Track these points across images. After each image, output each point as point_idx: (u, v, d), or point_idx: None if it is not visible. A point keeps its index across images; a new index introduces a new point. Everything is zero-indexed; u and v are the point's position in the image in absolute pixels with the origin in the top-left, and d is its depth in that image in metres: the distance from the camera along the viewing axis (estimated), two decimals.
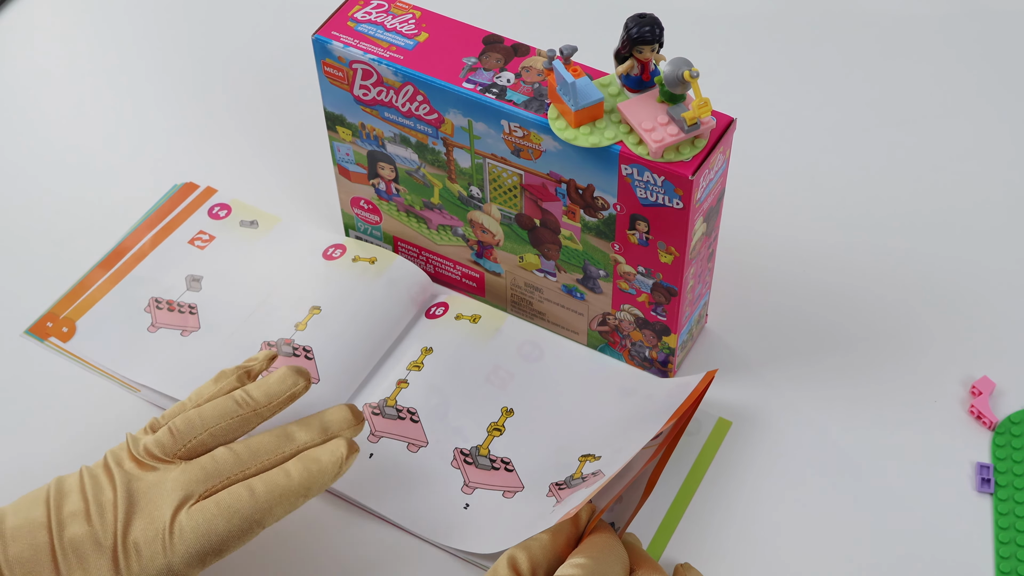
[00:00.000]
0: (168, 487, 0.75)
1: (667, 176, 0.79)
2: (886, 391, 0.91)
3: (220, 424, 0.78)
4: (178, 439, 0.77)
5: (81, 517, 0.73)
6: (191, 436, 0.77)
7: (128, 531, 0.73)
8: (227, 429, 0.78)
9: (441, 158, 0.88)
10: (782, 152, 1.06)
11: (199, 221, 1.00)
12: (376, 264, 0.95)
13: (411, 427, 0.88)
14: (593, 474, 0.84)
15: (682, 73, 0.77)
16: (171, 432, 0.77)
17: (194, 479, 0.75)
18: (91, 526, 0.73)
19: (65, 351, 0.93)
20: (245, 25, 1.17)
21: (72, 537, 0.72)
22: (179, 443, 0.77)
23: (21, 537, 0.72)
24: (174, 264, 0.97)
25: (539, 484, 0.85)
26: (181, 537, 0.73)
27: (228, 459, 0.76)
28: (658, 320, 0.88)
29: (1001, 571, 0.82)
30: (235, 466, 0.76)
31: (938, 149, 1.06)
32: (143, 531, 0.73)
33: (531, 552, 0.75)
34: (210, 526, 0.74)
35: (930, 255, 0.99)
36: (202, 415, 0.78)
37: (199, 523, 0.74)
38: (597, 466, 0.85)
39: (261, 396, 0.79)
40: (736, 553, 0.83)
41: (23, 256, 1.00)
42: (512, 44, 0.85)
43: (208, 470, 0.76)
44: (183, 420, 0.77)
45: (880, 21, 1.16)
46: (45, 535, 0.72)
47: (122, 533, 0.73)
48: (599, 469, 0.84)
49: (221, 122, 1.09)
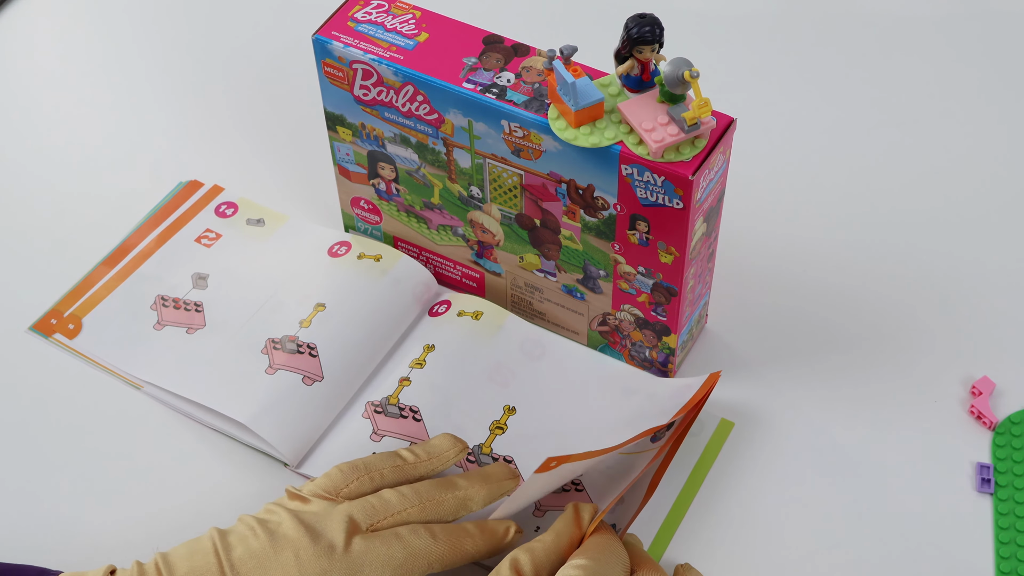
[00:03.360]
0: (339, 514, 0.75)
1: (667, 176, 0.79)
2: (886, 391, 0.91)
3: (383, 470, 0.79)
4: (343, 478, 0.78)
5: (252, 553, 0.73)
6: (355, 476, 0.78)
7: (300, 551, 0.73)
8: (390, 477, 0.79)
9: (441, 158, 0.88)
10: (782, 152, 1.06)
11: (206, 219, 1.00)
12: (381, 262, 0.95)
13: (413, 425, 0.88)
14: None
15: (682, 73, 0.77)
16: (338, 471, 0.78)
17: (362, 510, 0.76)
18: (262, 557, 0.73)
19: (70, 348, 0.93)
20: (245, 25, 1.17)
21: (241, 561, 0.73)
22: (345, 481, 0.77)
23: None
24: (180, 262, 0.98)
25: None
26: (352, 558, 0.73)
27: (394, 498, 0.77)
28: (658, 320, 0.88)
29: (1001, 571, 0.82)
30: (400, 504, 0.77)
31: (938, 149, 1.06)
32: (312, 555, 0.73)
33: (534, 553, 0.75)
34: (388, 555, 0.74)
35: (930, 255, 0.99)
36: (366, 461, 0.79)
37: (377, 549, 0.74)
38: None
39: (423, 452, 0.81)
40: (737, 553, 0.83)
41: (27, 253, 1.00)
42: (512, 44, 0.85)
43: (376, 506, 0.76)
44: (348, 464, 0.79)
45: (880, 21, 1.16)
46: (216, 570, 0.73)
47: (293, 551, 0.73)
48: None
49: (221, 122, 1.09)
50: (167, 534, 0.83)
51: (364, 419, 0.88)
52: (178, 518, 0.84)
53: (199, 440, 0.89)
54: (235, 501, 0.85)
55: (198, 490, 0.86)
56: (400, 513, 0.77)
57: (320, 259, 0.97)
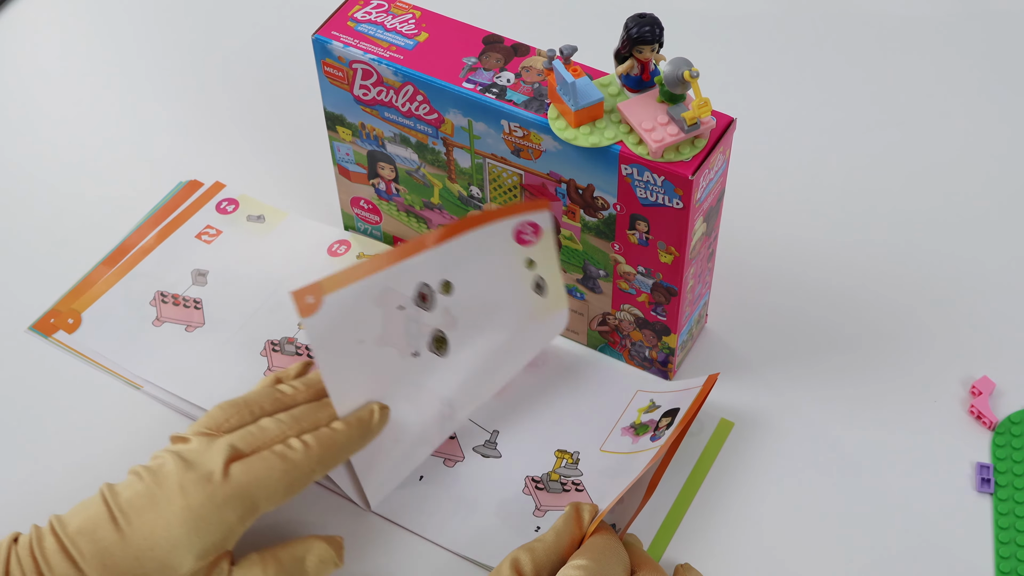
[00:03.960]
0: (218, 445, 0.76)
1: (667, 176, 0.79)
2: (886, 391, 0.91)
3: (263, 404, 0.81)
4: (223, 414, 0.79)
5: (138, 494, 0.75)
6: (235, 412, 0.79)
7: (183, 482, 0.75)
8: (270, 410, 0.81)
9: (441, 158, 0.88)
10: (782, 152, 1.06)
11: (207, 216, 1.00)
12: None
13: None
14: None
15: (682, 73, 0.77)
16: (218, 408, 0.80)
17: (242, 439, 0.77)
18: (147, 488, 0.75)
19: (69, 347, 0.93)
20: (245, 25, 1.17)
21: (126, 497, 0.75)
22: (224, 417, 0.79)
23: (78, 512, 0.75)
24: (180, 258, 0.98)
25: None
26: (235, 481, 0.75)
27: (272, 425, 0.79)
28: (658, 320, 0.88)
29: (1001, 571, 0.82)
30: (278, 429, 0.78)
31: (938, 149, 1.06)
32: (194, 483, 0.74)
33: (534, 554, 0.75)
34: (268, 472, 0.76)
35: (930, 255, 0.99)
36: (246, 397, 0.81)
37: (256, 468, 0.76)
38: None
39: (301, 384, 0.82)
40: (737, 554, 0.83)
41: (27, 253, 1.00)
42: (512, 44, 0.85)
43: (255, 433, 0.78)
44: (228, 401, 0.80)
45: (880, 21, 1.16)
46: (104, 510, 0.75)
47: (177, 484, 0.75)
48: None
49: (221, 122, 1.09)
50: None
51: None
52: None
53: None
54: None
55: None
56: (278, 438, 0.78)
57: (320, 259, 0.96)
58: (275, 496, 0.76)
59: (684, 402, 0.85)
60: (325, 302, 0.75)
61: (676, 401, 0.86)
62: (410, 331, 0.81)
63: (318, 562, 0.78)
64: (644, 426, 0.86)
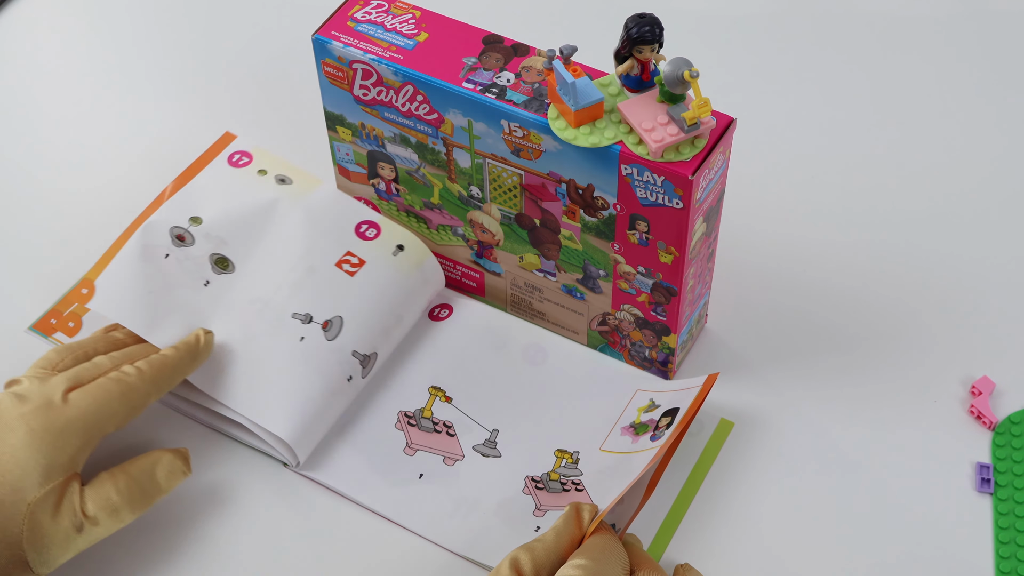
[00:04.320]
0: (55, 380, 0.80)
1: (667, 176, 0.79)
2: (886, 391, 0.91)
3: (96, 346, 0.85)
4: (57, 356, 0.83)
5: None
6: (69, 353, 0.84)
7: (23, 413, 0.78)
8: (102, 351, 0.85)
9: (441, 158, 0.88)
10: (782, 152, 1.06)
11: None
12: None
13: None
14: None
15: (682, 73, 0.77)
16: (53, 351, 0.84)
17: (76, 373, 0.81)
18: None
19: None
20: (245, 25, 1.17)
21: None
22: (59, 359, 0.83)
23: None
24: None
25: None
26: (73, 406, 0.79)
27: (106, 361, 0.83)
28: (658, 320, 0.88)
29: (1001, 571, 0.82)
30: (112, 364, 0.83)
31: (938, 148, 1.06)
32: (33, 412, 0.78)
33: (534, 554, 0.75)
34: (105, 395, 0.80)
35: (930, 255, 0.99)
36: (80, 341, 0.86)
37: (93, 392, 0.80)
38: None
39: (127, 335, 0.87)
40: (736, 554, 0.83)
41: (25, 254, 1.00)
42: (512, 44, 0.85)
43: (89, 369, 0.82)
44: (63, 345, 0.85)
45: (880, 21, 1.16)
46: None
47: (17, 415, 0.78)
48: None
49: (221, 121, 1.09)
50: (166, 533, 0.83)
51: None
52: (178, 518, 0.85)
53: (200, 439, 0.89)
54: (236, 501, 0.85)
55: (198, 490, 0.86)
56: (112, 369, 0.82)
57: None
58: (115, 417, 0.80)
59: (684, 402, 0.85)
60: (98, 285, 0.88)
61: (676, 401, 0.86)
62: (187, 268, 0.90)
63: (167, 472, 0.82)
64: (644, 426, 0.86)
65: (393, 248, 0.93)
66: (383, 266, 0.92)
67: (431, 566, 0.83)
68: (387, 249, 0.93)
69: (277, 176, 0.96)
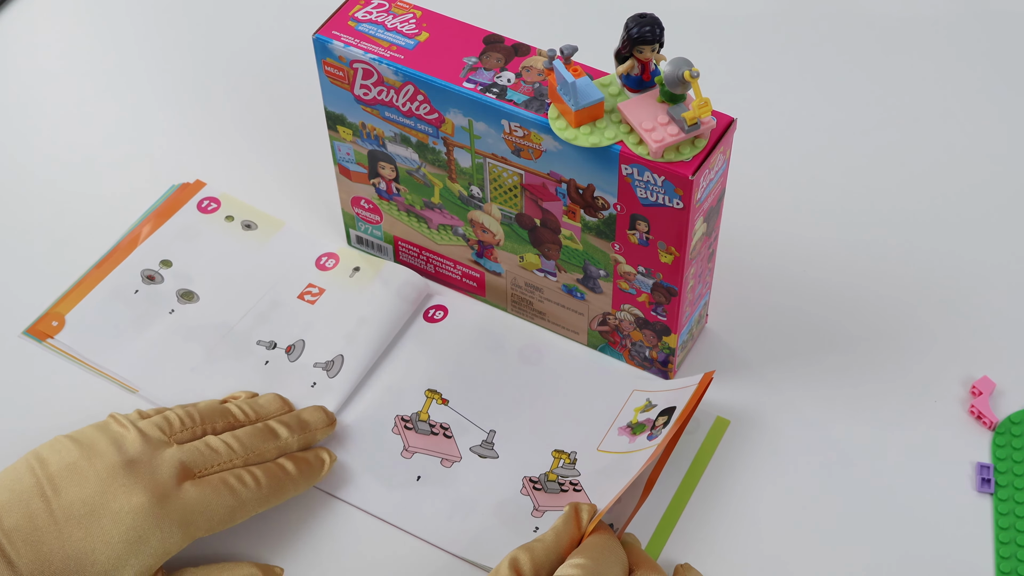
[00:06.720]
0: (168, 457, 0.78)
1: (667, 176, 0.79)
2: (886, 391, 0.91)
3: (215, 424, 0.83)
4: (178, 422, 0.81)
5: (72, 474, 0.76)
6: (190, 424, 0.82)
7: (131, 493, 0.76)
8: (220, 429, 0.83)
9: (441, 158, 0.88)
10: (782, 152, 1.06)
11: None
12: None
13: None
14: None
15: (682, 73, 0.77)
16: (175, 416, 0.82)
17: (192, 458, 0.79)
18: (85, 482, 0.76)
19: (59, 349, 0.92)
20: (246, 25, 1.17)
21: (68, 499, 0.75)
22: (176, 429, 0.81)
23: (14, 509, 0.74)
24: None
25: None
26: (183, 503, 0.77)
27: (221, 447, 0.80)
28: (658, 320, 0.88)
29: (1001, 571, 0.82)
30: (228, 454, 0.80)
31: (938, 149, 1.06)
32: (143, 490, 0.76)
33: (533, 554, 0.75)
34: (217, 501, 0.78)
35: (930, 255, 0.99)
36: (198, 408, 0.83)
37: (206, 495, 0.77)
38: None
39: (249, 409, 0.85)
40: (735, 552, 0.83)
41: (23, 255, 1.00)
42: (512, 44, 0.85)
43: (204, 454, 0.80)
44: (183, 410, 0.82)
45: (881, 21, 1.16)
46: (39, 502, 0.75)
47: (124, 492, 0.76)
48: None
49: (221, 121, 1.09)
50: None
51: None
52: None
53: None
54: None
55: None
56: (227, 464, 0.80)
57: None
58: (215, 525, 0.78)
59: (680, 401, 0.85)
60: (67, 320, 0.93)
61: (672, 400, 0.86)
62: (154, 301, 0.95)
63: None
64: (641, 425, 0.86)
65: (350, 271, 0.97)
66: (340, 287, 0.96)
67: (430, 568, 0.83)
68: (345, 273, 0.97)
69: (243, 222, 1.00)
